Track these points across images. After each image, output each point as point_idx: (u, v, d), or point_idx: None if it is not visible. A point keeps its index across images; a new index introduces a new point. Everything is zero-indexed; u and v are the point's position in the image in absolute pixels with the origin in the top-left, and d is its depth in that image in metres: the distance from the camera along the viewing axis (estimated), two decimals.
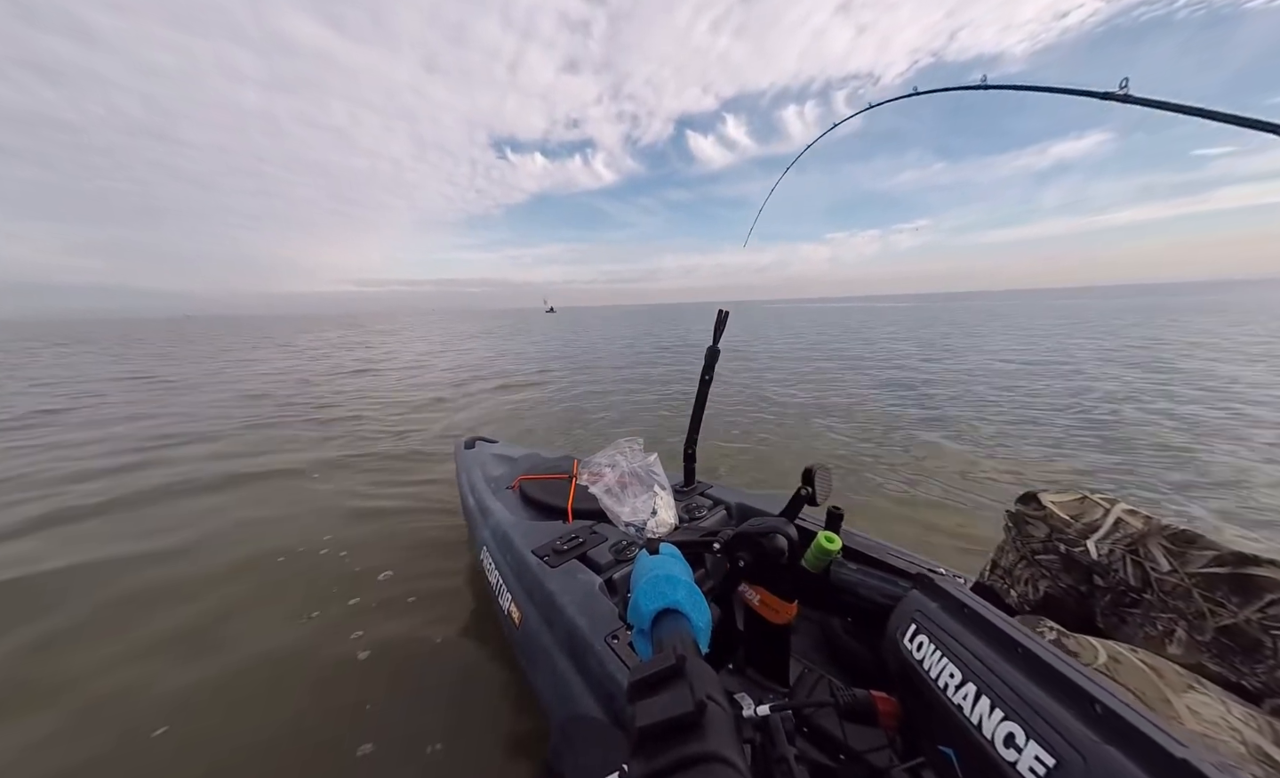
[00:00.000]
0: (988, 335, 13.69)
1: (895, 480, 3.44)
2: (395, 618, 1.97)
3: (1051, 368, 7.73)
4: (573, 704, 1.00)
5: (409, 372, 10.03)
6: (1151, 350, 9.15)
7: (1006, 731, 0.41)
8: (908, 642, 0.56)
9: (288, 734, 1.46)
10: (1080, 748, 0.37)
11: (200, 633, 1.90)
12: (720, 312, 1.82)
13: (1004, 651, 0.47)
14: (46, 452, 4.40)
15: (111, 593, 2.17)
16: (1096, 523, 0.81)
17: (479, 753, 1.40)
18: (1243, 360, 7.67)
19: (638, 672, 0.38)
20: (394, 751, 1.40)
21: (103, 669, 1.70)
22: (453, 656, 1.77)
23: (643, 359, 11.44)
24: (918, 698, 0.54)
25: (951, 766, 0.48)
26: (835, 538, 0.94)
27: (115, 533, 2.77)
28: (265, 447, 4.50)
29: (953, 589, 0.57)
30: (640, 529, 1.54)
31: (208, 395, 7.19)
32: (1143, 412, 4.93)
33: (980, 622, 0.51)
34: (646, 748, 0.33)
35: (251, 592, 2.19)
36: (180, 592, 2.18)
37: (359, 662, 1.73)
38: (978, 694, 0.45)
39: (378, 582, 2.22)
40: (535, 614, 1.26)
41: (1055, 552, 0.84)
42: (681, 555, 0.64)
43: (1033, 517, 0.89)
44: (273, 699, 1.59)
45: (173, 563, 2.44)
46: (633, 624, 0.53)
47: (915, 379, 7.31)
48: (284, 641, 1.85)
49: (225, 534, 2.74)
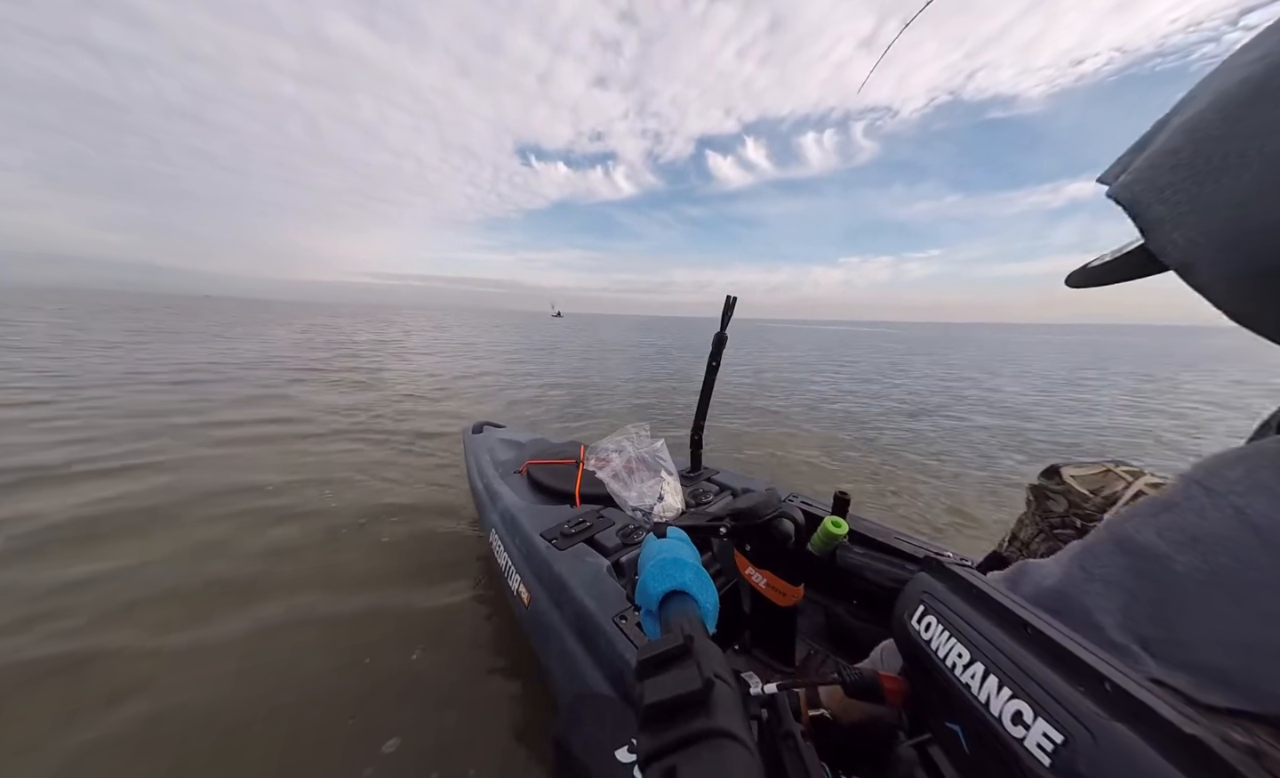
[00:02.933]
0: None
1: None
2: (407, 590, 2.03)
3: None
4: (582, 682, 1.03)
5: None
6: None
7: (1015, 708, 0.42)
8: (915, 622, 0.56)
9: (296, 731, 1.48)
10: (1089, 724, 0.37)
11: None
12: (728, 297, 1.80)
13: (1013, 631, 0.47)
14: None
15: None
16: (1117, 496, 0.79)
17: (490, 728, 1.44)
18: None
19: (646, 651, 0.38)
20: (408, 728, 1.45)
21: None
22: (462, 632, 1.82)
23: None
24: (925, 677, 0.54)
25: (958, 741, 0.48)
26: (842, 522, 0.94)
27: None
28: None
29: (960, 571, 0.57)
30: (647, 514, 1.55)
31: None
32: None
33: (989, 602, 0.51)
34: (654, 724, 0.33)
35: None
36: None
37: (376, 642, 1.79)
38: (986, 673, 0.45)
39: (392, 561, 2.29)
40: (544, 595, 1.28)
41: (1073, 527, 0.82)
42: (689, 539, 0.64)
43: (1054, 491, 0.87)
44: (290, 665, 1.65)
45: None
46: (640, 605, 0.53)
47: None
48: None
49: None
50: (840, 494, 1.05)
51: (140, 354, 9.07)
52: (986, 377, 10.87)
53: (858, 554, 1.19)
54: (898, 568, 1.14)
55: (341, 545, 2.45)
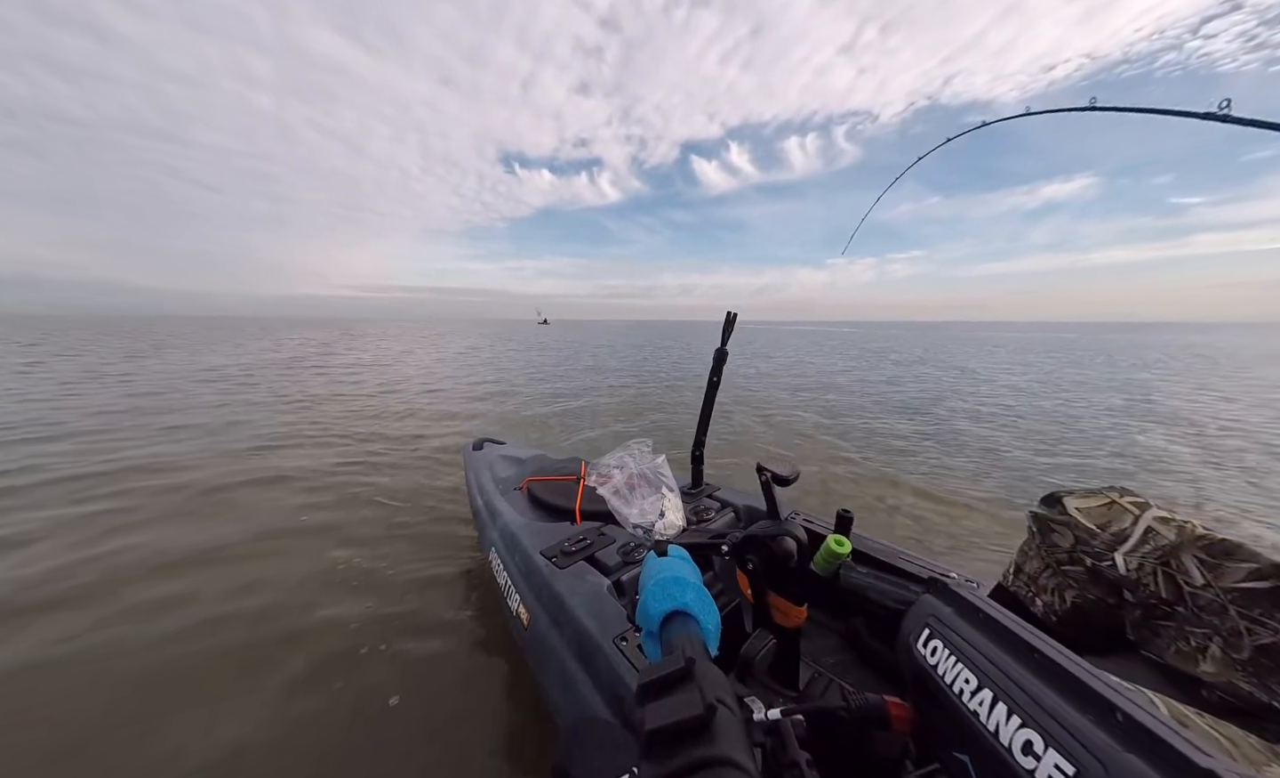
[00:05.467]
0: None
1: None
2: (401, 609, 1.99)
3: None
4: (581, 705, 1.00)
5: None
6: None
7: (1025, 738, 0.41)
8: (921, 647, 0.55)
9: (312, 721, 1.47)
10: (1101, 757, 0.36)
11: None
12: (729, 313, 1.81)
13: (1021, 656, 0.46)
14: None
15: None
16: (1125, 533, 0.77)
17: (487, 752, 1.40)
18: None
19: (647, 674, 0.38)
20: (403, 747, 1.41)
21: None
22: (461, 654, 1.78)
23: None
24: (932, 703, 0.53)
25: (967, 772, 0.47)
26: (845, 541, 0.92)
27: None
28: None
29: (967, 594, 0.56)
30: (648, 531, 1.53)
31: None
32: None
33: (996, 627, 0.50)
34: (656, 751, 0.32)
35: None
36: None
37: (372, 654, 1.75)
38: (994, 701, 0.44)
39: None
40: (544, 615, 1.26)
41: (1081, 564, 0.80)
42: (690, 558, 0.64)
43: (1057, 523, 0.85)
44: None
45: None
46: (641, 626, 0.52)
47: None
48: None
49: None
50: (843, 512, 1.04)
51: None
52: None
53: (862, 573, 1.17)
54: (902, 588, 1.13)
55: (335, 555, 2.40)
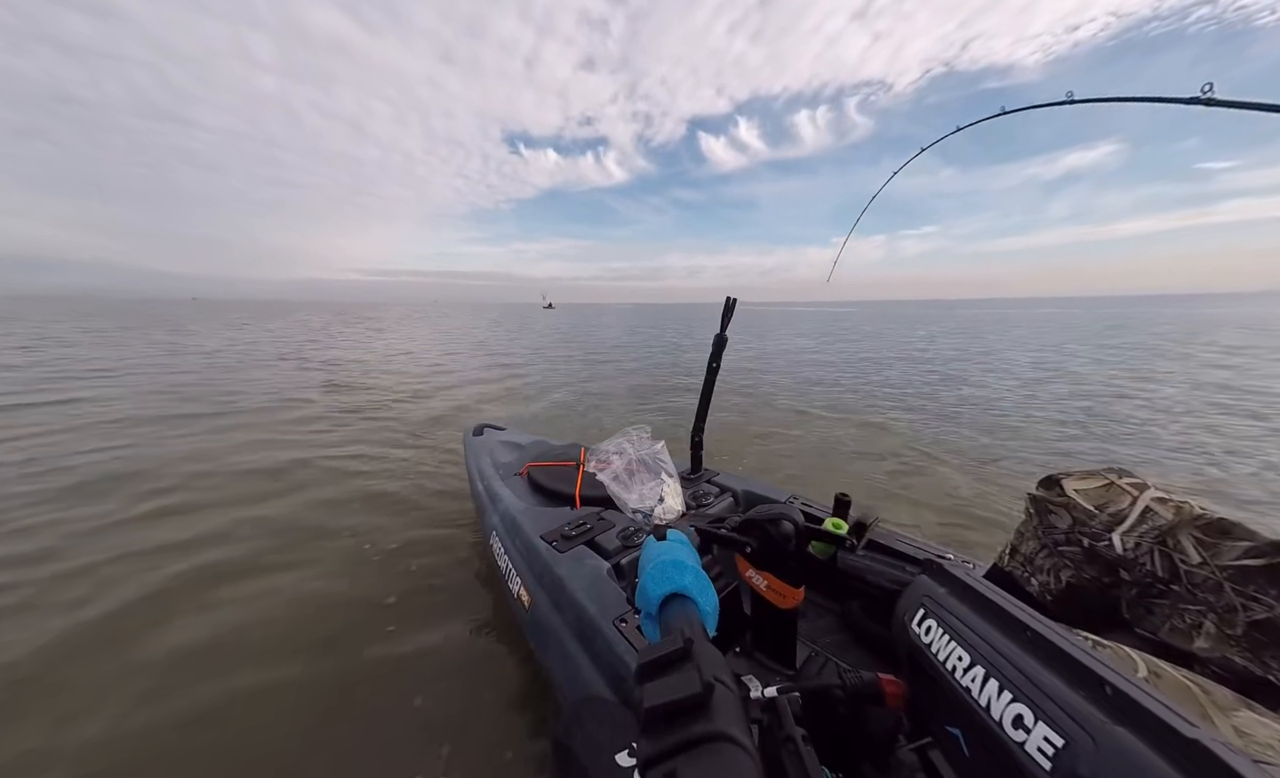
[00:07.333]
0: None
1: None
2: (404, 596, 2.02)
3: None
4: (582, 685, 1.02)
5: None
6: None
7: (1015, 712, 0.42)
8: (916, 625, 0.56)
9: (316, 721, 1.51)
10: (1089, 728, 0.37)
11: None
12: (728, 299, 1.80)
13: (1013, 634, 0.47)
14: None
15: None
16: (1123, 513, 0.78)
17: (490, 730, 1.43)
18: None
19: (646, 654, 0.38)
20: (412, 730, 1.44)
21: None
22: (461, 636, 1.81)
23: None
24: (926, 680, 0.54)
25: (959, 744, 0.48)
26: (842, 524, 0.93)
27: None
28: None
29: (961, 574, 0.57)
30: (647, 516, 1.55)
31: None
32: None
33: (989, 606, 0.51)
34: (655, 728, 0.33)
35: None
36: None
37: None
38: (986, 677, 0.45)
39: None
40: (545, 598, 1.28)
41: (1078, 545, 0.81)
42: (689, 541, 0.64)
43: (1055, 504, 0.86)
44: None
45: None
46: (641, 608, 0.53)
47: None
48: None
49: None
50: (841, 496, 1.05)
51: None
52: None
53: (859, 556, 1.18)
54: (898, 570, 1.14)
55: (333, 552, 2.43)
